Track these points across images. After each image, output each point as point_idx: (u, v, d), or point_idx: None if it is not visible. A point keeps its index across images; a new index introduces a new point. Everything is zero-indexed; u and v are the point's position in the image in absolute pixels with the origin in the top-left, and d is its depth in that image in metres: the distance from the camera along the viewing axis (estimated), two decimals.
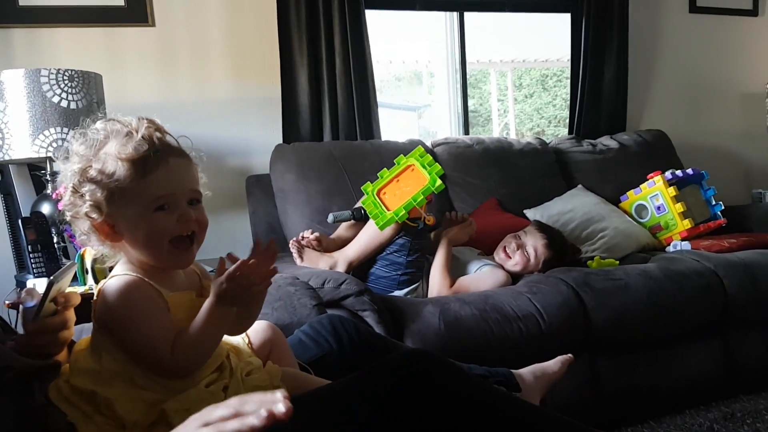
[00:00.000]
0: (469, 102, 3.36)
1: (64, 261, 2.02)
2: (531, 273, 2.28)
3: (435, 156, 2.81)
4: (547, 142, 3.16)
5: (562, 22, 3.42)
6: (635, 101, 3.53)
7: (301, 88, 2.82)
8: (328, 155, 2.67)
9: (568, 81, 3.43)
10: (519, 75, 4.15)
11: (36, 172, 2.20)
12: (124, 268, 0.96)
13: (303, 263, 2.16)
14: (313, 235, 2.23)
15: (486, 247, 2.45)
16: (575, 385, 2.06)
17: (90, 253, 1.71)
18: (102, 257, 1.01)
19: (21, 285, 2.00)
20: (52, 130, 2.01)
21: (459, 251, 2.39)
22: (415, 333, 1.86)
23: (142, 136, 0.92)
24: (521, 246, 2.30)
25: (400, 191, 2.14)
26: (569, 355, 1.62)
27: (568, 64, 3.44)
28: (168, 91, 2.71)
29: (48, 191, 2.10)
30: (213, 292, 0.92)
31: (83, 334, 0.97)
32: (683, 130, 3.50)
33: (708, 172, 2.92)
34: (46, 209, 2.05)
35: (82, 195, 0.92)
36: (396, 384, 0.92)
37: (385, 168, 2.21)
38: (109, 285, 0.93)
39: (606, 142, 3.20)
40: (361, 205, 2.20)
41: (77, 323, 1.02)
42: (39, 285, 1.51)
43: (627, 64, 3.42)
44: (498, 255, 2.33)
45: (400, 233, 2.11)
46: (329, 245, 2.24)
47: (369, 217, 2.21)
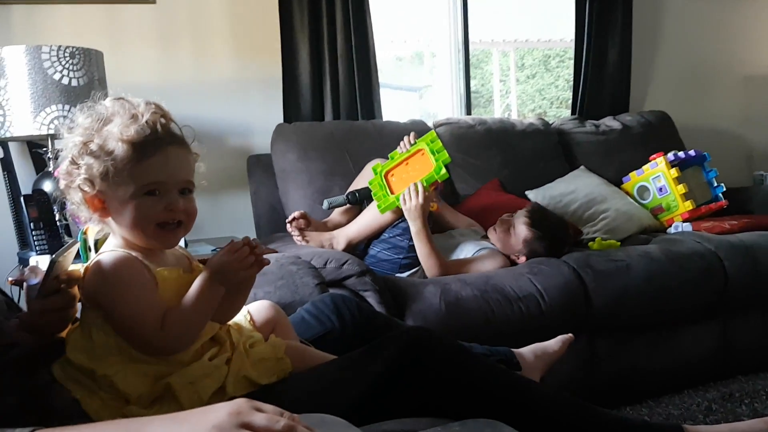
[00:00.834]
0: (471, 83, 3.34)
1: (66, 238, 2.02)
2: (518, 257, 2.25)
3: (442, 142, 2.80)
4: (550, 122, 3.14)
5: (565, 1, 3.39)
6: (638, 82, 3.51)
7: (303, 67, 2.80)
8: (329, 135, 2.66)
9: (570, 61, 3.41)
10: (521, 55, 4.12)
11: (37, 149, 2.20)
12: (113, 244, 0.97)
13: (303, 242, 2.16)
14: (298, 213, 2.21)
15: (487, 228, 2.45)
16: (575, 365, 2.07)
17: (93, 231, 1.71)
18: (105, 236, 1.02)
19: (24, 262, 2.00)
20: (53, 107, 2.00)
21: (461, 233, 2.40)
22: (416, 313, 1.87)
23: (146, 120, 0.93)
24: (507, 223, 2.28)
25: (407, 175, 2.13)
26: (569, 335, 1.63)
27: (570, 44, 3.41)
28: (169, 70, 2.70)
29: (50, 169, 2.09)
30: (208, 267, 0.94)
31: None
32: (686, 111, 3.48)
33: (710, 153, 2.91)
34: (47, 187, 2.05)
35: (79, 166, 0.94)
36: (398, 360, 0.93)
37: (397, 149, 2.20)
38: (98, 261, 0.94)
39: (609, 123, 3.19)
40: (354, 190, 2.21)
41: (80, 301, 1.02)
42: (42, 262, 1.52)
43: (631, 44, 3.39)
44: (489, 232, 2.33)
45: (401, 217, 2.11)
46: (318, 227, 2.24)
47: (363, 201, 2.21)
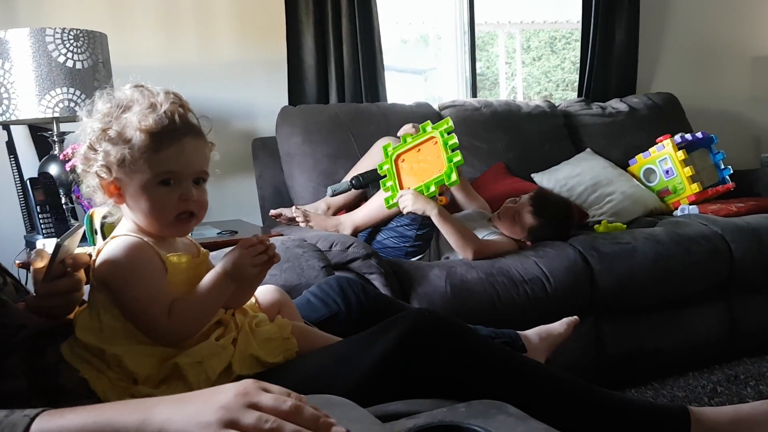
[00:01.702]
0: (477, 65, 3.32)
1: (72, 222, 2.03)
2: (524, 242, 2.24)
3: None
4: (556, 105, 3.13)
5: None
6: (645, 64, 3.48)
7: (307, 49, 2.78)
8: (334, 118, 2.65)
9: (577, 43, 3.38)
10: (527, 37, 4.08)
11: (42, 133, 2.20)
12: (126, 228, 0.99)
13: (307, 226, 2.16)
14: (293, 212, 2.21)
15: (492, 212, 2.44)
16: (580, 348, 2.08)
17: (99, 214, 1.71)
18: (112, 220, 1.03)
19: (30, 245, 2.01)
20: (58, 90, 1.99)
21: (469, 217, 2.39)
22: (422, 296, 1.87)
23: (164, 111, 0.94)
24: (512, 210, 2.27)
25: (417, 165, 2.07)
26: (575, 317, 1.63)
27: (577, 25, 3.38)
28: (173, 52, 2.68)
29: (55, 152, 2.09)
30: (221, 264, 0.96)
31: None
32: (693, 93, 3.45)
33: (717, 136, 2.89)
34: (53, 170, 2.05)
35: (96, 152, 0.95)
36: (404, 340, 0.93)
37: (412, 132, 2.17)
38: (111, 244, 0.95)
39: (615, 105, 3.17)
40: (358, 174, 2.19)
41: (87, 284, 1.03)
42: (48, 245, 1.52)
43: (638, 25, 3.36)
44: (494, 219, 2.32)
45: None
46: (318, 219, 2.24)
47: (368, 185, 2.19)
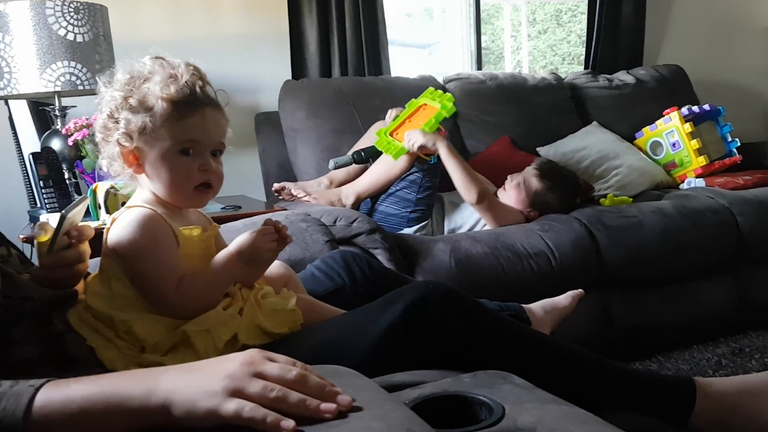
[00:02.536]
0: (482, 38, 3.28)
1: (75, 196, 2.02)
2: (529, 212, 2.24)
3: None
4: (562, 77, 3.09)
5: None
6: (653, 35, 3.43)
7: (309, 22, 2.75)
8: (338, 92, 2.63)
9: (583, 16, 3.34)
10: (533, 10, 4.03)
11: (44, 107, 2.18)
12: (141, 199, 0.99)
13: (310, 199, 2.16)
14: (294, 190, 2.22)
15: (499, 186, 2.43)
16: (585, 321, 2.08)
17: (102, 188, 1.70)
18: (126, 192, 1.04)
19: (34, 220, 2.01)
20: (59, 63, 1.98)
21: None
22: (427, 270, 1.87)
23: (186, 81, 0.95)
24: (516, 178, 2.26)
25: (412, 128, 2.12)
26: (580, 290, 1.63)
27: None
28: (174, 25, 2.66)
29: (57, 126, 2.08)
30: (237, 246, 0.97)
31: (98, 268, 0.98)
32: (701, 64, 3.41)
33: (725, 108, 2.87)
34: (56, 145, 2.04)
35: (117, 121, 0.95)
36: (410, 311, 0.93)
37: (398, 114, 2.19)
38: (126, 214, 0.96)
39: (622, 77, 3.14)
40: (360, 149, 2.21)
41: (92, 257, 1.03)
42: (52, 220, 1.52)
43: None
44: (499, 192, 2.32)
45: (412, 169, 2.09)
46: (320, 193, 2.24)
47: (369, 159, 2.19)
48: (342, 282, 1.30)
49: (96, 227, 1.13)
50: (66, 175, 2.03)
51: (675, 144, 2.73)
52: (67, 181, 2.02)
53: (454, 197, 2.31)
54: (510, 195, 2.24)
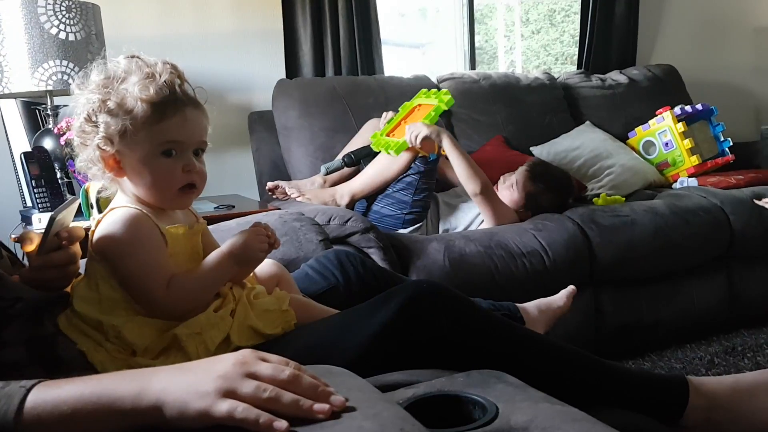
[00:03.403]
0: (475, 38, 3.28)
1: (67, 196, 2.01)
2: (522, 212, 2.24)
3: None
4: (555, 77, 3.10)
5: None
6: (646, 35, 3.44)
7: (303, 21, 2.74)
8: (331, 91, 2.62)
9: (576, 16, 3.34)
10: (526, 10, 4.03)
11: (35, 106, 2.17)
12: (124, 201, 0.97)
13: (304, 199, 2.16)
14: (287, 189, 2.23)
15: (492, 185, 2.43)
16: (578, 320, 2.08)
17: (94, 188, 1.69)
18: (107, 195, 1.02)
19: (26, 220, 2.00)
20: (51, 62, 1.96)
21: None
22: (421, 269, 1.87)
23: (164, 81, 0.93)
24: (509, 179, 2.26)
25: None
26: (572, 287, 1.62)
27: None
28: (167, 23, 2.64)
29: (50, 126, 2.07)
30: (229, 247, 0.97)
31: (84, 271, 0.98)
32: (694, 64, 3.43)
33: (718, 107, 2.88)
34: (48, 144, 2.03)
35: (96, 124, 0.93)
36: (404, 311, 0.93)
37: (392, 117, 2.19)
38: (110, 216, 0.94)
39: (615, 77, 3.15)
40: (350, 152, 2.21)
41: (83, 258, 1.02)
42: (43, 219, 1.51)
43: None
44: (494, 189, 2.32)
45: (409, 168, 2.09)
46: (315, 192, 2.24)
47: (360, 162, 2.19)
48: (336, 281, 1.30)
49: (87, 228, 1.12)
50: (58, 175, 2.02)
51: (668, 143, 2.74)
52: (59, 181, 2.00)
53: (449, 198, 2.31)
54: (503, 195, 2.24)
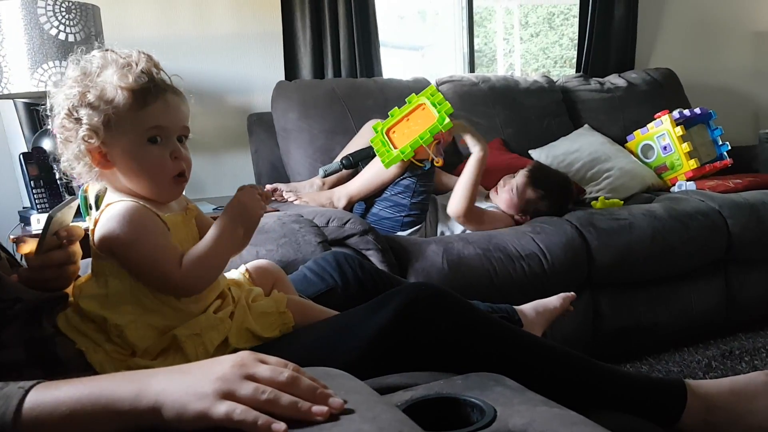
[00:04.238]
0: (474, 41, 3.29)
1: (66, 196, 2.01)
2: (521, 217, 2.25)
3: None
4: (554, 80, 3.10)
5: None
6: (644, 39, 3.45)
7: (302, 23, 2.74)
8: (330, 93, 2.63)
9: (575, 19, 3.35)
10: (525, 13, 4.04)
11: (35, 107, 2.17)
12: (117, 196, 0.96)
13: (301, 202, 2.16)
14: (284, 193, 2.23)
15: (491, 187, 2.43)
16: (576, 322, 2.09)
17: (93, 189, 1.69)
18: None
19: (24, 220, 2.00)
20: (51, 63, 1.96)
21: None
22: (419, 271, 1.87)
23: (141, 69, 0.93)
24: (509, 184, 2.26)
25: (408, 130, 2.10)
26: (572, 293, 1.64)
27: (575, 0, 3.34)
28: (167, 25, 2.65)
29: (48, 126, 2.07)
30: (228, 209, 0.98)
31: (89, 269, 0.97)
32: (692, 68, 3.44)
33: (716, 111, 2.88)
34: (47, 145, 2.03)
35: (78, 119, 0.92)
36: (402, 313, 0.93)
37: (396, 107, 2.17)
38: (109, 211, 0.93)
39: (614, 80, 3.15)
40: (348, 154, 2.20)
41: (83, 258, 1.01)
42: (42, 220, 1.50)
43: (637, 0, 3.33)
44: (491, 194, 2.32)
45: (405, 173, 2.09)
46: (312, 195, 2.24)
47: (359, 164, 2.19)
48: (334, 283, 1.30)
49: (86, 228, 1.11)
50: (57, 176, 2.02)
51: (666, 147, 2.75)
52: (58, 182, 2.00)
53: (448, 200, 2.31)
54: (502, 198, 2.25)
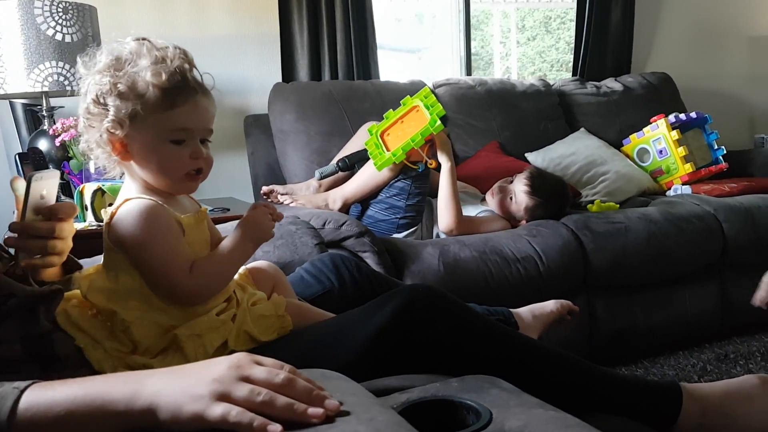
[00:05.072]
0: (471, 44, 3.29)
1: (62, 198, 2.01)
2: (518, 221, 2.25)
3: (437, 97, 2.78)
4: (551, 84, 3.11)
5: None
6: (641, 43, 3.46)
7: (300, 25, 2.75)
8: (327, 95, 2.63)
9: (572, 23, 3.36)
10: (522, 16, 4.05)
11: (31, 107, 2.17)
12: (134, 189, 0.97)
13: (297, 204, 2.16)
14: (280, 195, 2.24)
15: (486, 190, 2.43)
16: (572, 326, 2.07)
17: (89, 189, 1.69)
18: (102, 195, 1.01)
19: None
20: (47, 63, 1.96)
21: (461, 196, 2.38)
22: (415, 274, 1.87)
23: (176, 67, 0.93)
24: (506, 190, 2.27)
25: (402, 132, 2.11)
26: (576, 308, 1.65)
27: (572, 4, 3.35)
28: (163, 26, 2.64)
29: (45, 127, 2.07)
30: (242, 225, 0.99)
31: (102, 263, 0.96)
32: (688, 73, 3.45)
33: (712, 115, 2.89)
34: (43, 145, 2.03)
35: (105, 107, 0.92)
36: (399, 315, 0.93)
37: (391, 109, 2.18)
38: (127, 206, 0.93)
39: (610, 84, 3.16)
40: (344, 156, 2.21)
41: (91, 256, 1.00)
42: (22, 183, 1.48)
43: (634, 5, 3.35)
44: (487, 196, 2.32)
45: (398, 175, 2.09)
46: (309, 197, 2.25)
47: (354, 166, 2.20)
48: (331, 285, 1.30)
49: (82, 229, 1.11)
50: None
51: (662, 151, 2.75)
52: None
53: None
54: (500, 205, 2.25)
